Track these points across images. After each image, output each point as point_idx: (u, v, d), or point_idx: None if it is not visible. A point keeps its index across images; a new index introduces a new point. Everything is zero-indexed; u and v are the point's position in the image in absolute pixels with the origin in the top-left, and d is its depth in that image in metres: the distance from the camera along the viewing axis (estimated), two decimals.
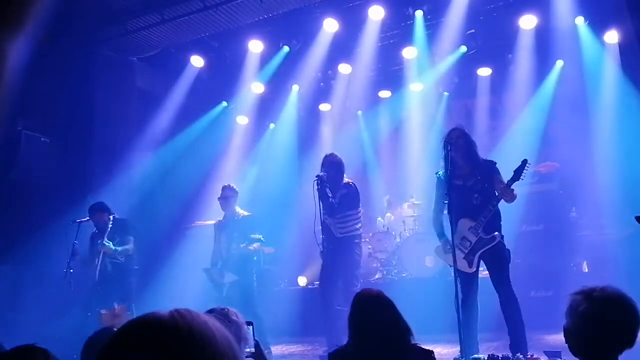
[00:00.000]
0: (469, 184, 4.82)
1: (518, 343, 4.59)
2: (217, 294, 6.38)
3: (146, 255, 7.91)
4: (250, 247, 6.35)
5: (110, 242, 6.29)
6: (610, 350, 2.01)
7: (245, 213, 6.56)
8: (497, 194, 4.74)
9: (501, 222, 4.86)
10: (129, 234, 6.61)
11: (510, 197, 4.65)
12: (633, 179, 6.90)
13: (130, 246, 6.53)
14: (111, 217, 6.51)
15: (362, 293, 2.79)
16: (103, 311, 6.17)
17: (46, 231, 6.81)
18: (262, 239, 6.43)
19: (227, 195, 6.48)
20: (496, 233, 4.73)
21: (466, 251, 4.80)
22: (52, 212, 7.01)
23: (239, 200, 6.68)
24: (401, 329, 2.59)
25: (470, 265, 4.80)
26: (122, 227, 6.56)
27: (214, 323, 0.96)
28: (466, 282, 4.79)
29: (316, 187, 5.74)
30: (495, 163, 4.89)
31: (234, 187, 6.60)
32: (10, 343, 2.13)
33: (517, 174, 4.62)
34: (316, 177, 5.79)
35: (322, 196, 5.74)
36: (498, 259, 4.76)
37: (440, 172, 4.88)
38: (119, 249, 6.36)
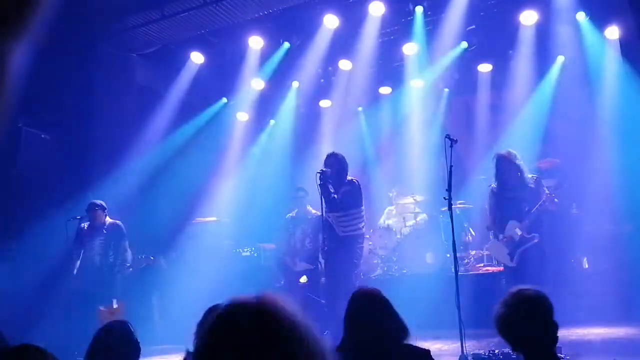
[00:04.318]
0: (518, 194, 5.64)
1: None
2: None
3: (147, 252, 7.93)
4: None
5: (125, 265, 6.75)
6: (533, 345, 2.24)
7: (318, 213, 6.93)
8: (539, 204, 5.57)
9: (547, 227, 5.78)
10: (126, 239, 6.82)
11: (554, 204, 5.58)
12: (634, 175, 6.89)
13: (129, 253, 6.82)
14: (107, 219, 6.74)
15: (358, 291, 2.76)
16: (102, 307, 6.23)
17: (46, 228, 6.81)
18: None
19: (301, 196, 7.23)
20: (536, 234, 5.53)
21: (510, 247, 5.62)
22: (52, 208, 7.01)
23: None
24: (396, 329, 2.56)
25: (511, 259, 5.62)
26: (116, 233, 6.73)
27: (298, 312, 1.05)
28: (507, 274, 5.88)
29: (318, 182, 5.75)
30: (541, 179, 5.78)
31: (305, 188, 7.24)
32: (10, 341, 2.13)
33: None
34: (319, 171, 5.80)
35: (324, 192, 5.75)
36: (535, 257, 5.51)
37: (493, 185, 5.79)
38: (127, 264, 6.78)
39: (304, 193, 7.24)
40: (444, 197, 4.80)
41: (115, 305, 6.25)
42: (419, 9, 8.06)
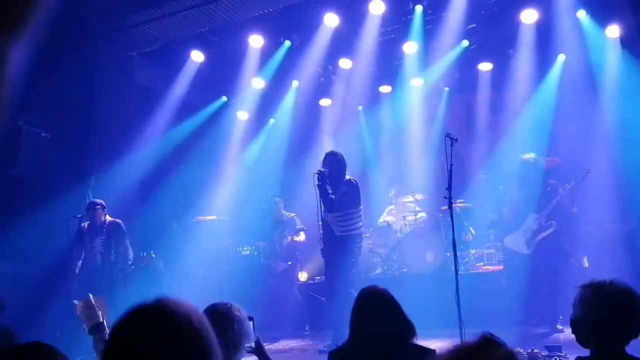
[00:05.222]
0: (539, 191, 6.31)
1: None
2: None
3: (147, 251, 7.93)
4: (297, 238, 7.80)
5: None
6: (617, 341, 2.16)
7: (291, 214, 7.97)
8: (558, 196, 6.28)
9: (563, 219, 6.26)
10: (126, 237, 6.83)
11: (569, 201, 6.38)
12: (636, 173, 6.89)
13: (130, 251, 6.84)
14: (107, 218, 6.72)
15: (366, 289, 2.77)
16: (75, 301, 6.14)
17: (47, 227, 6.82)
18: (305, 228, 7.84)
19: (276, 202, 8.09)
20: (553, 221, 6.14)
21: (527, 236, 6.25)
22: (53, 207, 7.01)
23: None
24: (403, 328, 2.57)
25: (527, 247, 6.23)
26: (117, 231, 6.76)
27: (194, 310, 1.15)
28: (520, 263, 6.22)
29: (316, 182, 5.75)
30: (561, 186, 6.34)
31: (280, 196, 8.20)
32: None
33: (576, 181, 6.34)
34: (317, 172, 5.79)
35: (322, 192, 5.75)
36: (549, 247, 6.09)
37: (511, 185, 6.62)
38: (129, 262, 6.85)
39: (279, 200, 8.11)
40: (444, 196, 4.80)
41: (92, 298, 6.17)
42: (419, 8, 8.04)
